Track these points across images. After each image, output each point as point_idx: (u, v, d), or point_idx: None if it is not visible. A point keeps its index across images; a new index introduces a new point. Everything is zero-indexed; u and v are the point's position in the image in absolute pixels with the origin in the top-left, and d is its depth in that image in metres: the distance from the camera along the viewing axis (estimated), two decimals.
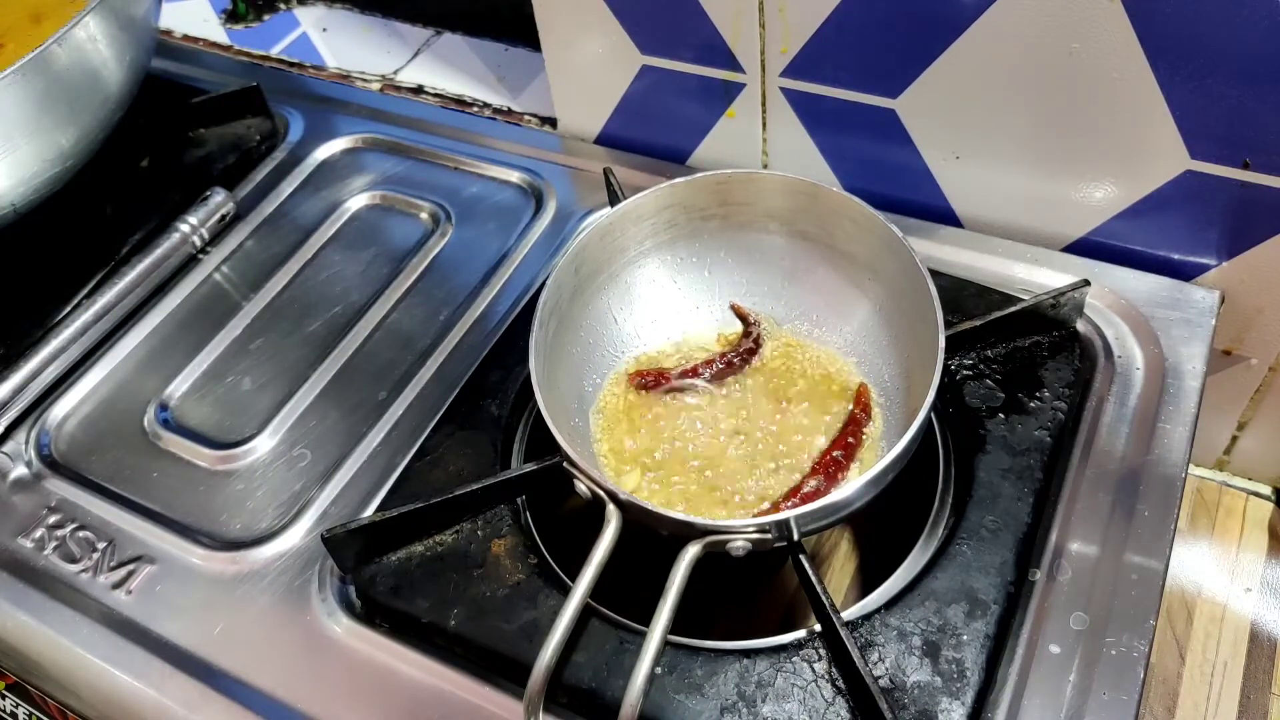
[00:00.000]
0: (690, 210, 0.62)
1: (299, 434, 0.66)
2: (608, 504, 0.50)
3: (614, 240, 0.62)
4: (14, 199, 0.70)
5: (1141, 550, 0.53)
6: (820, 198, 0.60)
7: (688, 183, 0.61)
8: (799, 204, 0.61)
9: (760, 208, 0.62)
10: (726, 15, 0.68)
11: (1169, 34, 0.56)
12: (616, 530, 0.50)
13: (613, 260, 0.62)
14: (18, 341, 0.71)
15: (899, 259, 0.57)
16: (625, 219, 0.61)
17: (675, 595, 0.47)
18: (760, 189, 0.61)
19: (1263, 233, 0.61)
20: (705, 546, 0.48)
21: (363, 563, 0.56)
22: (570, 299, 0.60)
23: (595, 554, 0.49)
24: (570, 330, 0.61)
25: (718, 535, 0.48)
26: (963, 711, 0.47)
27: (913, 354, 0.57)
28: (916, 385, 0.55)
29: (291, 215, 0.81)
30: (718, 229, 0.63)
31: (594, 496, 0.51)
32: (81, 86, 0.70)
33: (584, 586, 0.48)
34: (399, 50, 0.99)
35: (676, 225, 0.63)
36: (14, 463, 0.66)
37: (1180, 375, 0.59)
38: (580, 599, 0.48)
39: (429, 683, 0.53)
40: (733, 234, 0.63)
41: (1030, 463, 0.55)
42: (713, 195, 0.62)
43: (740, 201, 0.62)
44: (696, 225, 0.63)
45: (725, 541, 0.48)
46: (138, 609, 0.58)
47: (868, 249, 0.59)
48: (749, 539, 0.48)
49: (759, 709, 0.48)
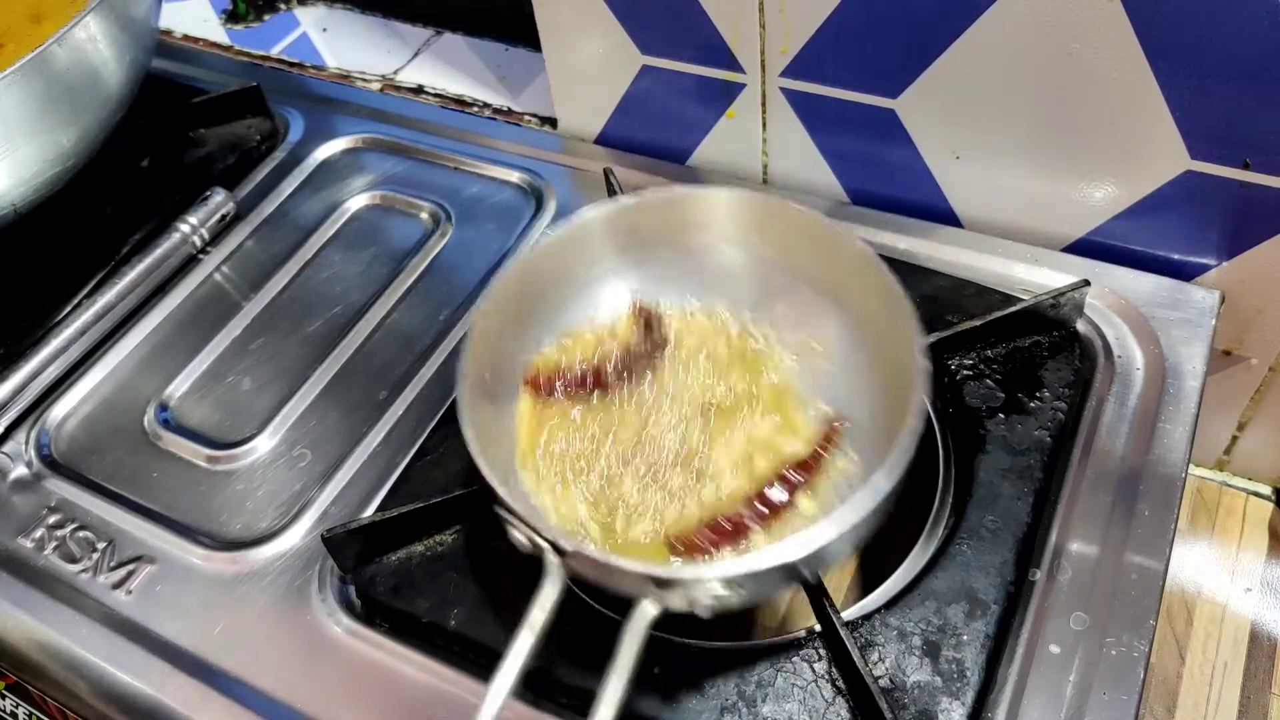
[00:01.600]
0: (639, 234, 0.57)
1: (299, 434, 0.66)
2: (546, 556, 0.43)
3: (558, 265, 0.56)
4: (14, 199, 0.70)
5: (1141, 550, 0.53)
6: (776, 214, 0.56)
7: (636, 204, 0.56)
8: (754, 221, 0.56)
9: (715, 230, 0.57)
10: (726, 15, 0.68)
11: (1169, 34, 0.56)
12: (559, 589, 0.43)
13: (560, 285, 0.57)
14: (18, 341, 0.71)
15: (868, 274, 0.51)
16: (569, 243, 0.56)
17: (629, 669, 0.40)
18: (712, 207, 0.57)
19: (1263, 233, 0.61)
20: (664, 604, 0.41)
21: (363, 563, 0.56)
22: (502, 340, 0.54)
23: (533, 615, 0.42)
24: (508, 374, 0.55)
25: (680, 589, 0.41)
26: (963, 711, 0.47)
27: (889, 379, 0.51)
28: (895, 413, 0.48)
29: (291, 215, 0.81)
30: (672, 256, 0.58)
31: (533, 546, 0.44)
32: (81, 86, 0.70)
33: (518, 666, 0.41)
34: (399, 50, 0.99)
35: (628, 251, 0.58)
36: (14, 463, 0.66)
37: (1180, 375, 0.59)
38: (518, 673, 0.41)
39: (429, 683, 0.53)
40: (690, 260, 0.58)
41: (1030, 463, 0.55)
42: (661, 216, 0.57)
43: (694, 223, 0.57)
44: (649, 251, 0.58)
45: (691, 596, 0.41)
46: (138, 609, 0.58)
47: (833, 267, 0.54)
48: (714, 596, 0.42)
49: (759, 709, 0.48)
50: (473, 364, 0.50)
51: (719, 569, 0.42)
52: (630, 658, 0.41)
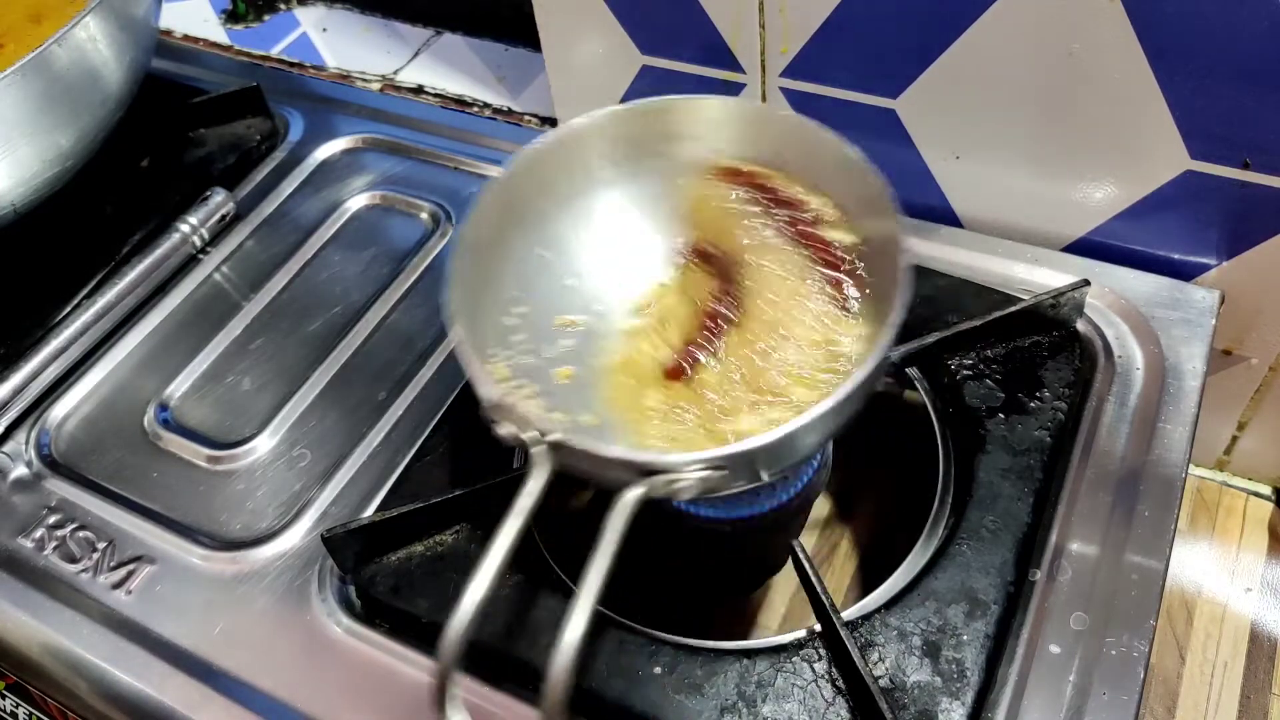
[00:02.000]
0: (628, 144, 0.56)
1: (299, 434, 0.66)
2: (530, 449, 0.44)
3: (547, 173, 0.55)
4: (14, 199, 0.70)
5: (1141, 550, 0.53)
6: (771, 123, 0.55)
7: (625, 112, 0.55)
8: (749, 133, 0.55)
9: (708, 141, 0.56)
10: (726, 15, 0.68)
11: (1169, 34, 0.56)
12: (546, 477, 0.44)
13: (552, 191, 0.56)
14: (18, 341, 0.71)
15: (852, 172, 0.51)
16: (558, 150, 0.55)
17: (613, 547, 0.41)
18: (699, 115, 0.56)
19: (1263, 233, 0.61)
20: (648, 490, 0.42)
21: (363, 563, 0.56)
22: (495, 238, 0.54)
23: (519, 503, 0.43)
24: (497, 267, 0.54)
25: (664, 476, 0.42)
26: (963, 711, 0.47)
27: (878, 279, 0.51)
28: (881, 308, 0.48)
29: (291, 215, 0.81)
30: (663, 167, 0.57)
31: (518, 440, 0.44)
32: (81, 86, 0.70)
33: (504, 540, 0.42)
34: (399, 50, 0.99)
35: (618, 163, 0.57)
36: (14, 463, 0.66)
37: (1180, 375, 0.59)
38: (500, 552, 0.42)
39: (429, 683, 0.53)
40: (681, 170, 0.57)
41: (1030, 463, 0.55)
42: (653, 126, 0.56)
43: (687, 135, 0.56)
44: (640, 163, 0.57)
45: (672, 483, 0.42)
46: (138, 609, 0.58)
47: (821, 168, 0.54)
48: (697, 477, 0.42)
49: (759, 709, 0.48)
50: (459, 273, 0.50)
51: (697, 455, 0.42)
52: (614, 539, 0.41)
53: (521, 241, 0.56)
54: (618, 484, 0.43)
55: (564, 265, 0.56)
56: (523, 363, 0.52)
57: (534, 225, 0.56)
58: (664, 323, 0.54)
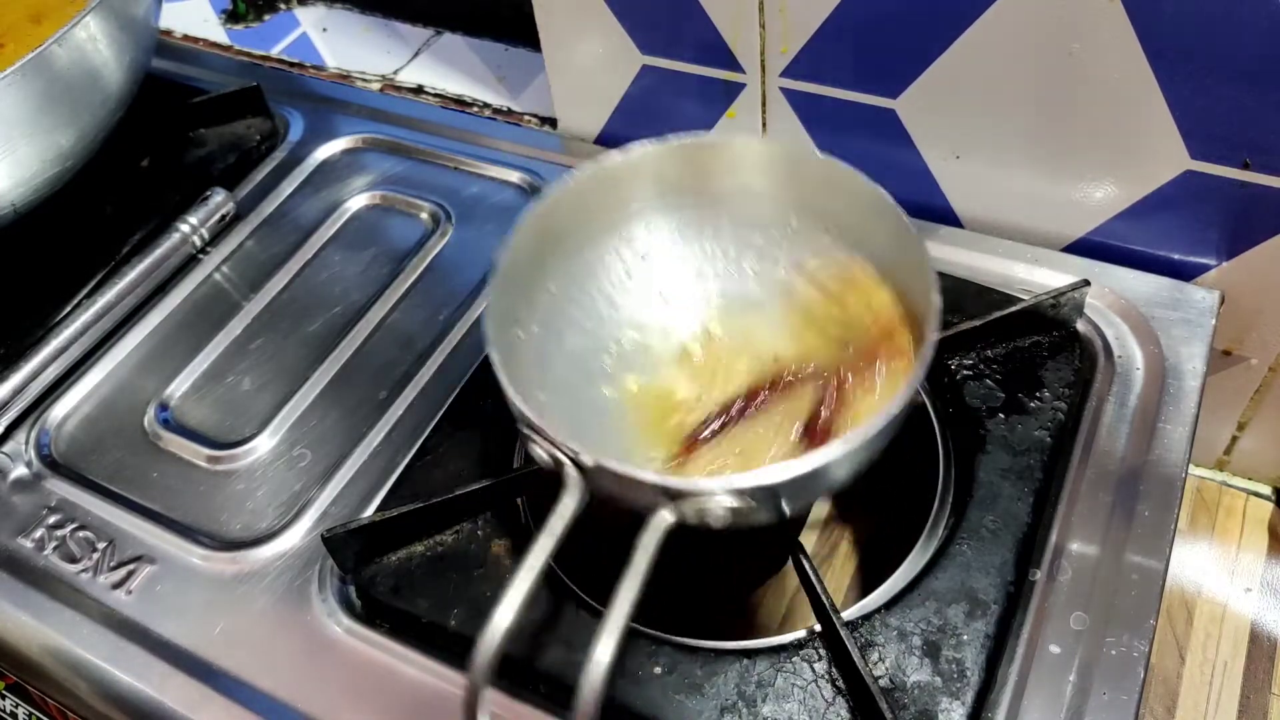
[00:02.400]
0: (665, 180, 0.57)
1: (299, 434, 0.66)
2: (566, 468, 0.44)
3: (583, 205, 0.56)
4: (14, 199, 0.70)
5: (1141, 550, 0.53)
6: (799, 163, 0.55)
7: (665, 148, 0.56)
8: (780, 170, 0.56)
9: (737, 180, 0.56)
10: (726, 15, 0.68)
11: (1169, 34, 0.56)
12: (579, 502, 0.44)
13: (584, 226, 0.57)
14: (18, 341, 0.71)
15: (886, 222, 0.51)
16: (598, 184, 0.56)
17: (645, 570, 0.41)
18: (733, 159, 0.56)
19: (1263, 233, 0.61)
20: (679, 516, 0.43)
21: (363, 563, 0.56)
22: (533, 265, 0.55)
23: (554, 523, 0.43)
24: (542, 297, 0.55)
25: (693, 500, 0.42)
26: (963, 711, 0.47)
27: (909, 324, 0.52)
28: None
29: (291, 215, 0.81)
30: (699, 203, 0.58)
31: (554, 462, 0.45)
32: (81, 86, 0.70)
33: (539, 557, 0.42)
34: (399, 50, 0.99)
35: (655, 196, 0.57)
36: (14, 463, 0.66)
37: (1180, 375, 0.59)
38: (536, 569, 0.42)
39: (429, 683, 0.53)
40: (717, 207, 0.57)
41: (1030, 463, 0.55)
42: (686, 165, 0.56)
43: (718, 173, 0.56)
44: (677, 198, 0.58)
45: (702, 509, 0.42)
46: (138, 609, 0.58)
47: (856, 217, 0.54)
48: (727, 507, 0.42)
49: (759, 709, 0.48)
50: (498, 300, 0.51)
51: (728, 482, 0.42)
52: (645, 562, 0.42)
53: (559, 269, 0.56)
54: (648, 508, 0.43)
55: (602, 295, 0.58)
56: (558, 382, 0.53)
57: (571, 254, 0.57)
58: (714, 374, 0.56)
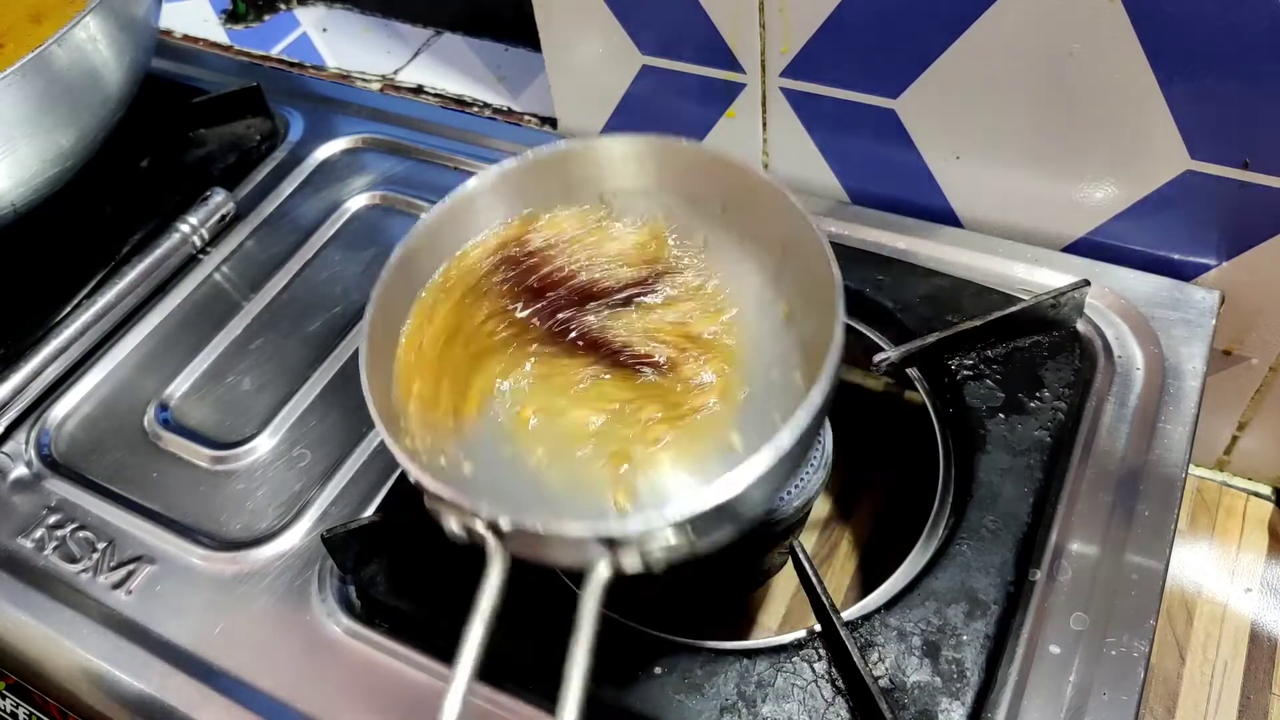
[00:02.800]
0: (536, 194, 0.53)
1: (299, 434, 0.66)
2: (487, 537, 0.40)
3: (445, 239, 0.52)
4: (14, 199, 0.70)
5: (1141, 550, 0.53)
6: (667, 158, 0.51)
7: (519, 165, 0.51)
8: (661, 169, 0.52)
9: (610, 185, 0.53)
10: (726, 15, 0.68)
11: (1169, 34, 0.56)
12: (502, 571, 0.41)
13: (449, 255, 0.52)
14: (18, 341, 0.71)
15: (779, 210, 0.47)
16: (453, 214, 0.51)
17: (590, 638, 0.38)
18: (600, 161, 0.52)
19: (1263, 233, 0.61)
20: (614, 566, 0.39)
21: (363, 563, 0.56)
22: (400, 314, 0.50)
23: (477, 614, 0.40)
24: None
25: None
26: (963, 711, 0.47)
27: (807, 329, 0.48)
28: (812, 362, 0.45)
29: (291, 215, 0.81)
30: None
31: (468, 535, 0.41)
32: (81, 86, 0.70)
33: (472, 657, 0.39)
34: (399, 50, 0.99)
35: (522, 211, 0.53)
36: (14, 463, 0.66)
37: (1180, 375, 0.59)
38: (468, 678, 0.39)
39: (429, 683, 0.53)
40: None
41: (1030, 463, 0.55)
42: (553, 176, 0.52)
43: (586, 179, 0.53)
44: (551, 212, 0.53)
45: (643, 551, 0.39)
46: (138, 609, 0.58)
47: (740, 198, 0.50)
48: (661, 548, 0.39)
49: (759, 709, 0.48)
50: (372, 352, 0.46)
51: (669, 514, 0.38)
52: (589, 628, 0.38)
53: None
54: (583, 565, 0.40)
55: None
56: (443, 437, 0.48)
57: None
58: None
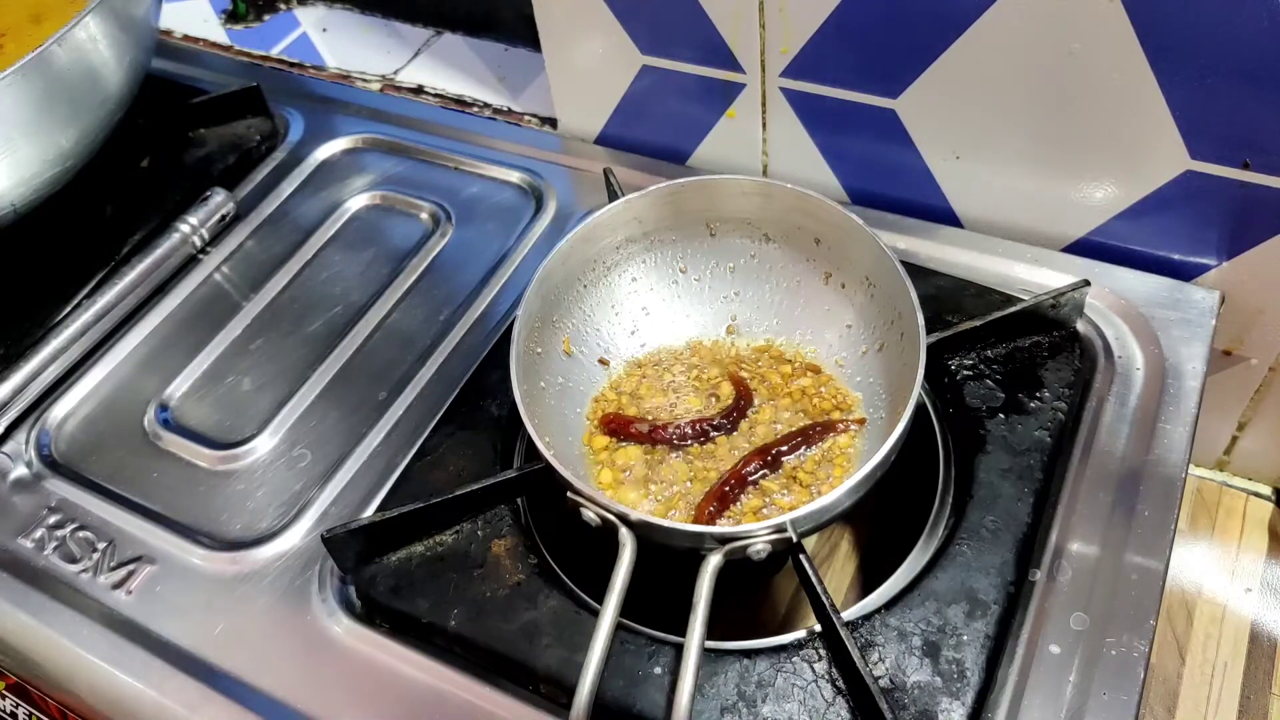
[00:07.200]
0: (646, 223, 0.62)
1: (299, 434, 0.66)
2: (620, 528, 0.49)
3: (584, 254, 0.62)
4: (14, 199, 0.70)
5: (1141, 550, 0.53)
6: (775, 196, 0.60)
7: (642, 197, 0.61)
8: (754, 205, 0.61)
9: (715, 214, 0.62)
10: (726, 15, 0.68)
11: (1169, 34, 0.56)
12: (633, 553, 0.49)
13: (585, 272, 0.63)
14: (18, 341, 0.71)
15: (867, 249, 0.57)
16: (587, 239, 0.61)
17: (705, 607, 0.47)
18: (712, 195, 0.61)
19: (1263, 233, 0.61)
20: (726, 555, 0.48)
21: (363, 563, 0.56)
22: (545, 316, 0.60)
23: (616, 581, 0.48)
24: (551, 351, 0.61)
25: (738, 542, 0.48)
26: (963, 711, 0.47)
27: (893, 357, 0.57)
28: (901, 388, 0.55)
29: (291, 215, 0.81)
30: (682, 239, 0.64)
31: (604, 523, 0.50)
32: (81, 86, 0.70)
33: (610, 615, 0.48)
34: (399, 50, 0.99)
35: (635, 241, 0.63)
36: (14, 463, 0.66)
37: (1180, 375, 0.59)
38: (609, 628, 0.47)
39: (429, 683, 0.53)
40: (703, 244, 0.64)
41: (1030, 463, 0.55)
42: (668, 205, 0.62)
43: (697, 209, 0.62)
44: (662, 236, 0.63)
45: (745, 547, 0.48)
46: (138, 609, 0.58)
47: (837, 245, 0.60)
48: (767, 541, 0.48)
49: (759, 709, 0.48)
50: (521, 367, 0.56)
51: (768, 523, 0.48)
52: (705, 595, 0.47)
53: (565, 321, 0.62)
54: (697, 552, 0.49)
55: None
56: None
57: (574, 306, 0.63)
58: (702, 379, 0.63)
